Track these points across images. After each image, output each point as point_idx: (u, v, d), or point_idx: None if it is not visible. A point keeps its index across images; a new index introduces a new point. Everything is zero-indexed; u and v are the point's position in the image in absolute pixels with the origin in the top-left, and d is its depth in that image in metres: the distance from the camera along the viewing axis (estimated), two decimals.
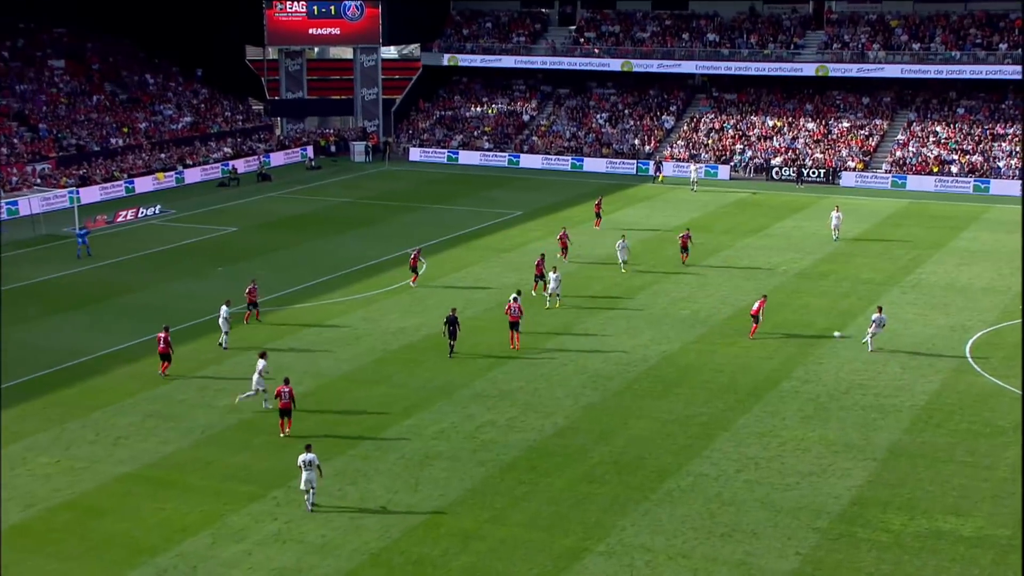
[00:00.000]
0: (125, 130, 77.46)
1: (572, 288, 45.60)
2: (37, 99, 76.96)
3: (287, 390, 30.87)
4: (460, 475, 28.72)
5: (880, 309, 38.58)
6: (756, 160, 76.77)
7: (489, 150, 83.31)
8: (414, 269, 46.83)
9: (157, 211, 64.35)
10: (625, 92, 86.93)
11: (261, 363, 33.06)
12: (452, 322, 37.56)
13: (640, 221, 60.82)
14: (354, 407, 33.56)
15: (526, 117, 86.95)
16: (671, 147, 79.46)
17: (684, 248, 50.34)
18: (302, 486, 26.77)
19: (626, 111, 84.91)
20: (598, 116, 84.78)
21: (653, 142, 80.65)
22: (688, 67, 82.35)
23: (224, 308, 38.91)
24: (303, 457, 26.82)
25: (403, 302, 44.49)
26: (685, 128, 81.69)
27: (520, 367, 36.66)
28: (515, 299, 38.76)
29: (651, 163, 75.72)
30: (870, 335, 38.21)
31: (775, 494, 27.55)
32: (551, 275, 43.10)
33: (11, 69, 79.14)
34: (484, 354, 37.75)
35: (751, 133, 79.74)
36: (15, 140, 71.13)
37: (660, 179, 73.61)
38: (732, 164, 76.55)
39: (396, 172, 79.56)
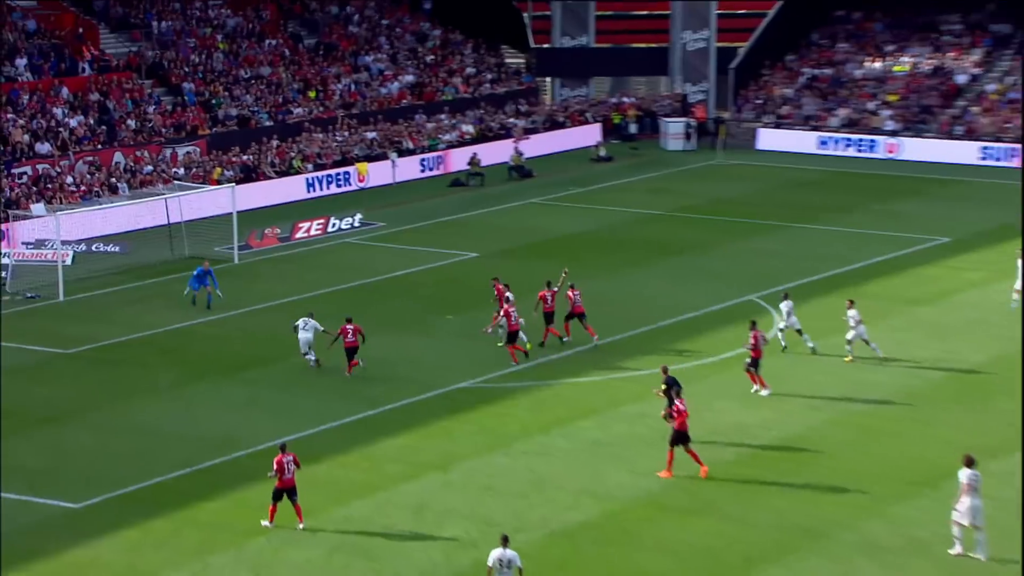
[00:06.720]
0: (312, 94, 79.95)
1: None
2: (182, 44, 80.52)
3: (351, 327, 44.06)
4: None
5: None
6: None
7: (893, 132, 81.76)
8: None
9: (356, 223, 66.26)
10: None
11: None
12: None
13: None
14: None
15: (962, 78, 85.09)
16: None
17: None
18: None
19: None
20: None
21: None
22: None
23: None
24: (499, 554, 29.05)
25: (741, 381, 43.66)
26: None
27: None
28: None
29: None
30: None
31: None
32: (848, 314, 46.15)
33: None
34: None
35: None
36: (148, 109, 74.20)
37: None
38: None
39: (736, 168, 79.39)
